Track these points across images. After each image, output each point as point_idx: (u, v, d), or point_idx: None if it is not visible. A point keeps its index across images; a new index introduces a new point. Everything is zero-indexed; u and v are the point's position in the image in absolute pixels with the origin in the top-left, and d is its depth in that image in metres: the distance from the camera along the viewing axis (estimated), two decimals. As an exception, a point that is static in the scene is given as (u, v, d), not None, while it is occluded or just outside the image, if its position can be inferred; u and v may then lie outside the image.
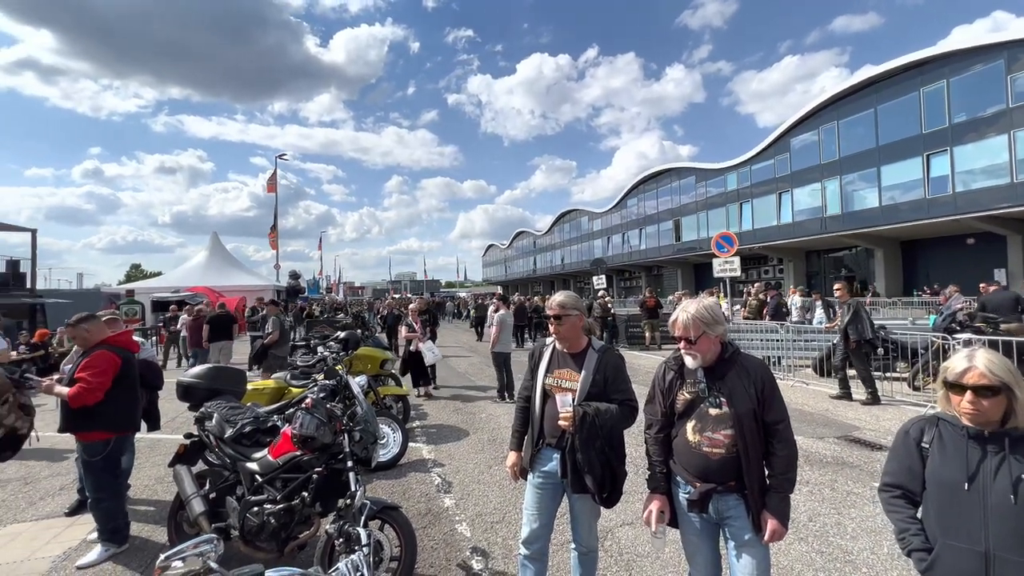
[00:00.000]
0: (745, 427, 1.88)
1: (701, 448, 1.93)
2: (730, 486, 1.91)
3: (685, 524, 2.04)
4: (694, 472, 1.95)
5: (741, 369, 1.95)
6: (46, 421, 7.27)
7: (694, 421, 1.96)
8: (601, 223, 47.35)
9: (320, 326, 12.48)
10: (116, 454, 3.43)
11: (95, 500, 3.38)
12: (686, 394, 2.00)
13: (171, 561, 1.12)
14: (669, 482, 2.06)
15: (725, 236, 11.63)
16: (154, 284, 26.18)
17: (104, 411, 3.30)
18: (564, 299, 2.38)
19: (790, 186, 27.58)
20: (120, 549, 3.37)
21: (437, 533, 3.53)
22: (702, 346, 1.95)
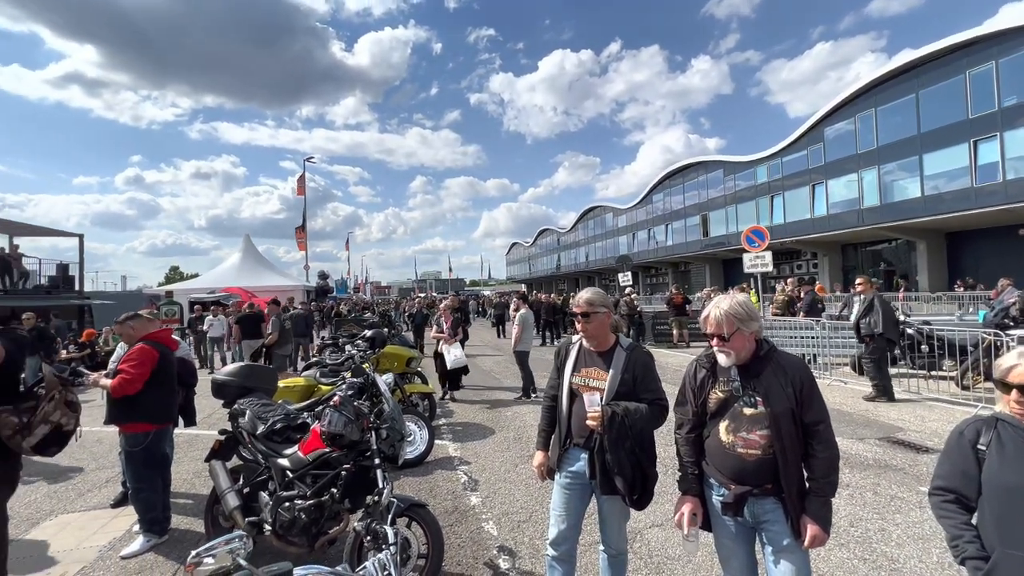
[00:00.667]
0: (782, 428, 1.80)
1: (735, 449, 1.85)
2: (767, 489, 1.82)
3: (719, 528, 1.97)
4: (728, 474, 1.88)
5: (778, 367, 1.87)
6: (93, 416, 7.65)
7: (728, 421, 1.89)
8: (626, 219, 46.73)
9: (348, 325, 12.75)
10: (155, 447, 3.59)
11: (135, 490, 3.54)
12: (719, 393, 1.93)
13: (202, 557, 1.14)
14: (701, 484, 2.00)
15: (756, 230, 11.29)
16: (191, 285, 27.19)
17: (144, 404, 3.47)
18: (592, 296, 2.33)
19: (824, 177, 26.57)
20: (160, 540, 3.50)
21: (464, 531, 3.53)
22: (736, 343, 1.87)
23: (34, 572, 3.18)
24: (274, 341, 8.98)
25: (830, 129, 26.27)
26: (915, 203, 22.10)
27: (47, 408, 2.72)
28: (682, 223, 38.63)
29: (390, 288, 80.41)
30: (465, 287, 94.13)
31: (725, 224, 33.79)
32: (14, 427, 2.58)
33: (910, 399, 6.84)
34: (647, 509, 3.64)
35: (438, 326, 8.18)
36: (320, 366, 7.00)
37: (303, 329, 11.18)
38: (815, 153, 27.13)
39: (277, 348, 9.05)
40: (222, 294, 23.11)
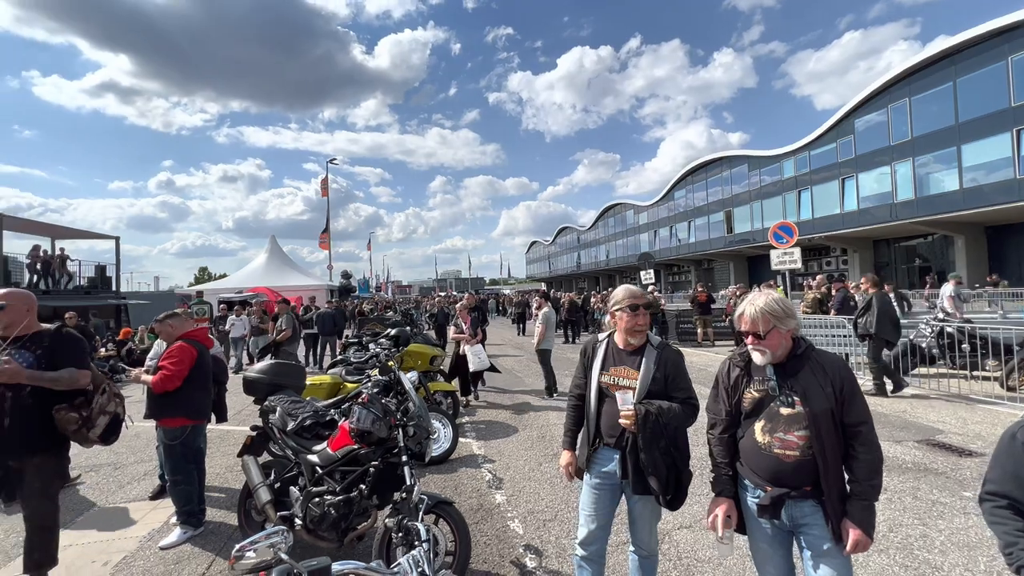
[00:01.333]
0: (822, 428, 1.74)
1: (772, 450, 1.80)
2: (805, 491, 1.77)
3: (755, 531, 1.92)
4: (764, 475, 1.83)
5: (816, 366, 1.81)
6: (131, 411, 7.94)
7: (763, 421, 1.84)
8: (647, 216, 46.13)
9: (371, 324, 12.93)
10: (192, 441, 3.71)
11: (173, 483, 3.66)
12: (754, 392, 1.88)
13: (244, 551, 1.16)
14: (736, 485, 1.95)
15: (784, 226, 10.98)
16: (220, 285, 28.01)
17: (182, 399, 3.60)
18: (639, 291, 2.33)
19: (855, 171, 25.70)
20: (196, 532, 3.61)
21: (489, 529, 3.53)
22: (772, 341, 1.82)
23: (79, 560, 3.31)
24: (287, 337, 9.19)
25: (861, 121, 25.39)
26: (953, 196, 21.18)
27: (101, 400, 2.87)
28: (705, 220, 37.92)
29: (411, 287, 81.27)
30: (485, 286, 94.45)
31: (750, 220, 33.03)
32: (76, 422, 2.73)
33: (951, 400, 6.56)
34: (676, 510, 3.61)
35: (457, 327, 7.87)
36: (345, 364, 7.12)
37: (330, 328, 11.36)
38: (845, 146, 26.27)
39: (287, 345, 9.25)
40: (249, 294, 23.77)
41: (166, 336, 3.80)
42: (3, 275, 14.56)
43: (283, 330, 9.34)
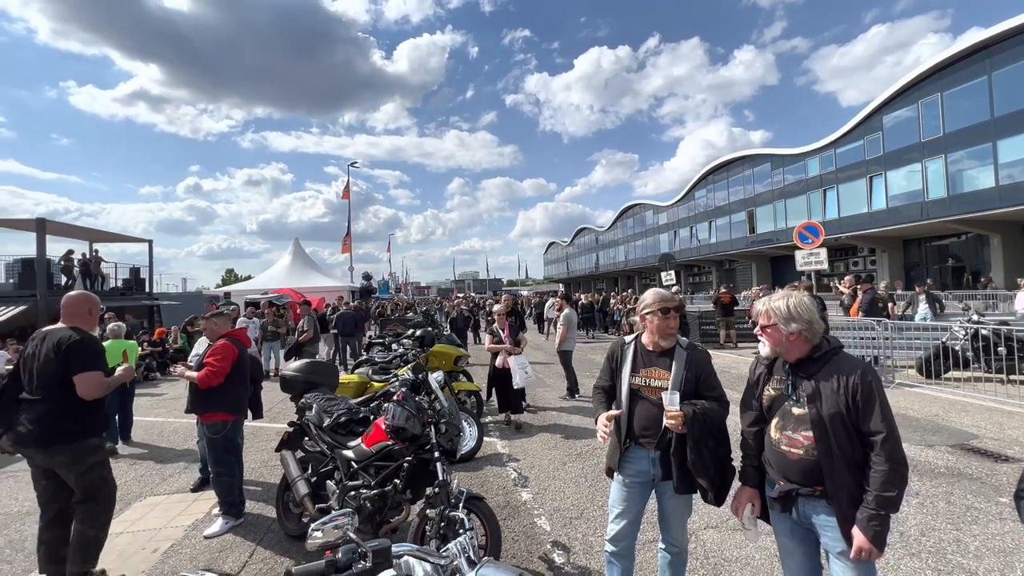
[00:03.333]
0: (829, 431, 1.76)
1: (780, 446, 1.89)
2: (816, 490, 1.80)
3: (776, 523, 2.00)
4: (776, 470, 1.91)
5: (834, 369, 1.83)
6: (168, 408, 8.28)
7: (777, 418, 1.93)
8: (667, 217, 45.64)
9: (392, 324, 13.17)
10: (233, 435, 3.89)
11: (216, 475, 3.83)
12: (771, 390, 1.97)
13: (314, 532, 1.27)
14: (760, 476, 2.02)
15: (809, 226, 10.80)
16: (246, 287, 28.76)
17: (224, 395, 3.78)
18: (669, 295, 2.40)
19: (883, 169, 25.01)
20: (238, 522, 3.79)
21: (517, 525, 3.61)
22: (771, 337, 1.93)
23: (130, 547, 3.51)
24: (309, 338, 9.44)
25: (889, 117, 24.69)
26: (988, 194, 20.42)
27: None
28: (727, 220, 37.35)
29: (429, 288, 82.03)
30: (502, 287, 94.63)
31: (773, 220, 32.41)
32: None
33: (986, 404, 6.39)
34: (701, 509, 3.63)
35: (494, 335, 6.67)
36: (370, 364, 7.30)
37: (351, 328, 11.60)
38: (873, 143, 25.58)
39: (308, 346, 9.50)
40: (274, 295, 24.38)
41: (211, 334, 4.00)
42: (46, 277, 15.26)
43: (305, 331, 9.60)
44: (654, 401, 2.25)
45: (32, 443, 2.79)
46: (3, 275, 16.55)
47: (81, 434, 2.87)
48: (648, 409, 2.25)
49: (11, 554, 3.50)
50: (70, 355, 2.83)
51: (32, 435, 2.77)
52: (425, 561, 1.33)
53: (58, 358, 2.81)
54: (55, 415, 2.80)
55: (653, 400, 2.25)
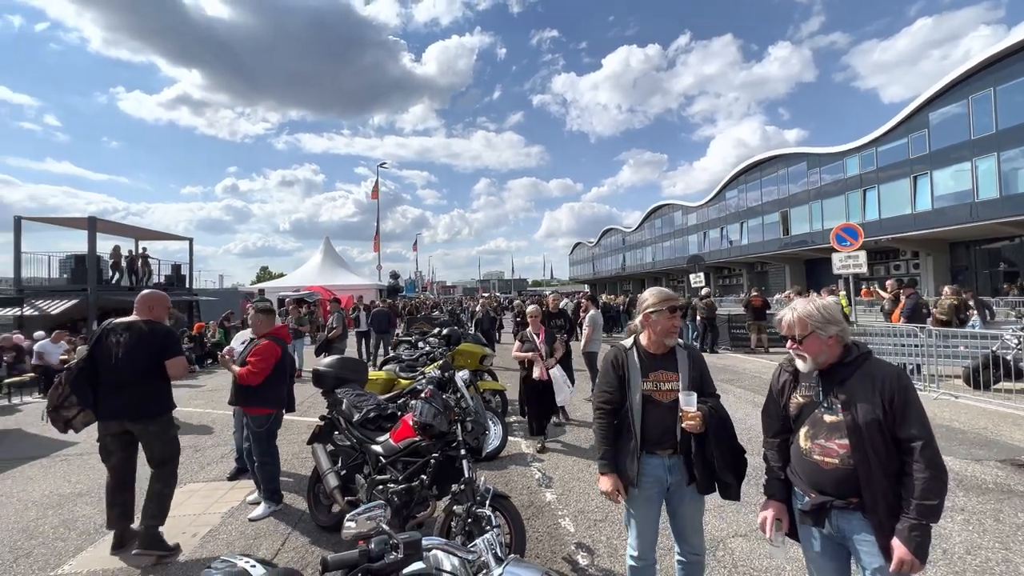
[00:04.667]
0: (865, 438, 1.69)
1: (812, 456, 1.80)
2: (852, 503, 1.72)
3: (805, 539, 1.91)
4: (806, 481, 1.82)
5: (866, 375, 1.76)
6: (207, 399, 8.62)
7: (807, 427, 1.84)
8: (696, 217, 44.70)
9: (419, 323, 13.36)
10: (275, 427, 4.05)
11: (260, 464, 3.99)
12: (799, 398, 1.89)
13: (349, 522, 1.32)
14: (787, 489, 1.95)
15: (848, 228, 10.40)
16: (279, 284, 29.71)
17: (268, 390, 3.94)
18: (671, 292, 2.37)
19: (928, 168, 23.83)
20: (277, 507, 3.95)
21: (541, 525, 3.62)
22: (810, 347, 1.81)
23: (171, 532, 3.68)
24: (338, 335, 9.66)
25: (936, 114, 23.51)
26: (1045, 194, 19.21)
27: None
28: (759, 221, 36.31)
29: (455, 288, 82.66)
30: (527, 287, 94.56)
31: (808, 221, 31.34)
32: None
33: (1040, 418, 6.01)
34: (729, 517, 3.57)
35: (525, 340, 5.64)
36: (397, 361, 7.43)
37: (384, 326, 11.82)
38: (918, 141, 24.40)
39: (337, 342, 9.71)
40: (306, 292, 25.07)
41: (257, 329, 4.14)
42: (96, 273, 16.11)
43: (334, 328, 9.84)
44: (666, 406, 2.20)
45: (127, 416, 3.34)
46: (57, 270, 17.56)
47: (167, 409, 3.52)
48: (661, 415, 2.19)
49: (65, 532, 3.73)
50: (165, 344, 3.45)
51: (128, 410, 3.33)
52: (454, 555, 1.36)
53: (150, 346, 3.39)
54: (149, 393, 3.39)
55: (665, 404, 2.20)
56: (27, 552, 3.43)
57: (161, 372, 3.42)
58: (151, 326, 3.49)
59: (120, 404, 3.32)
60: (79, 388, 3.33)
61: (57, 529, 3.78)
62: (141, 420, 3.36)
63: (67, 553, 3.40)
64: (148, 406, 3.39)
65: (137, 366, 3.34)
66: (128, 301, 16.91)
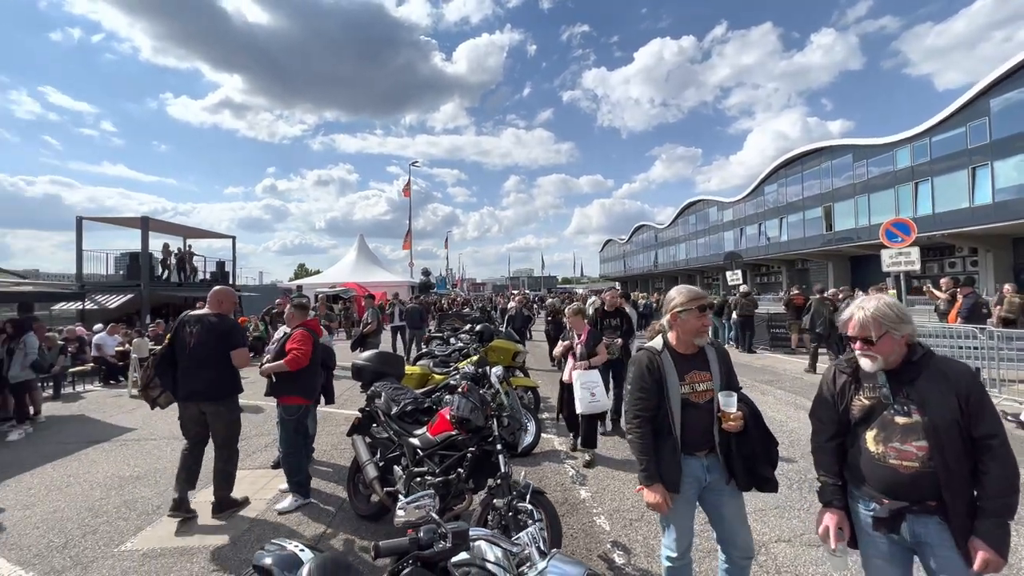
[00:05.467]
0: (943, 439, 1.62)
1: (887, 460, 1.71)
2: (929, 506, 1.65)
3: (869, 546, 1.82)
4: (878, 487, 1.74)
5: (937, 374, 1.69)
6: (253, 390, 8.98)
7: (876, 430, 1.75)
8: (732, 213, 43.35)
9: (450, 319, 13.52)
10: (304, 419, 4.18)
11: (286, 455, 4.13)
12: (863, 400, 1.79)
13: (400, 510, 1.35)
14: (846, 495, 1.86)
15: (899, 223, 9.85)
16: (316, 280, 30.62)
17: (299, 381, 4.07)
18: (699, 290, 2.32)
19: (989, 158, 22.29)
20: (306, 502, 4.04)
21: (575, 523, 3.61)
22: (884, 347, 1.73)
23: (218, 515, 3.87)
24: (372, 330, 9.87)
25: (998, 100, 21.94)
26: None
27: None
28: (800, 216, 34.89)
29: (484, 285, 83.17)
30: (557, 284, 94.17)
31: (854, 216, 29.88)
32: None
33: None
34: (771, 522, 3.48)
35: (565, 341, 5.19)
36: (430, 357, 7.54)
37: (418, 322, 12.03)
38: (977, 130, 22.85)
39: (372, 337, 9.92)
40: (340, 288, 25.79)
41: (290, 323, 4.30)
42: (148, 270, 17.06)
43: (368, 323, 10.06)
44: (703, 407, 2.16)
45: (203, 397, 3.81)
46: (113, 267, 18.69)
47: (233, 392, 3.95)
48: (698, 416, 2.15)
49: (126, 512, 3.98)
50: (229, 335, 3.88)
51: (203, 391, 3.80)
52: (497, 546, 1.37)
53: (220, 335, 3.84)
54: (216, 378, 3.83)
55: (702, 405, 2.16)
56: (93, 529, 3.68)
57: (227, 359, 3.85)
58: (219, 319, 3.93)
59: (193, 387, 3.80)
60: (162, 372, 3.87)
61: (119, 509, 4.03)
62: (210, 401, 3.83)
63: (128, 531, 3.63)
64: (216, 389, 3.84)
65: (206, 354, 3.80)
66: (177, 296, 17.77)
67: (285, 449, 4.16)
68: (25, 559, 3.27)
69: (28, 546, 3.44)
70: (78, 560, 3.24)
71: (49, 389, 9.02)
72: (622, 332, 5.77)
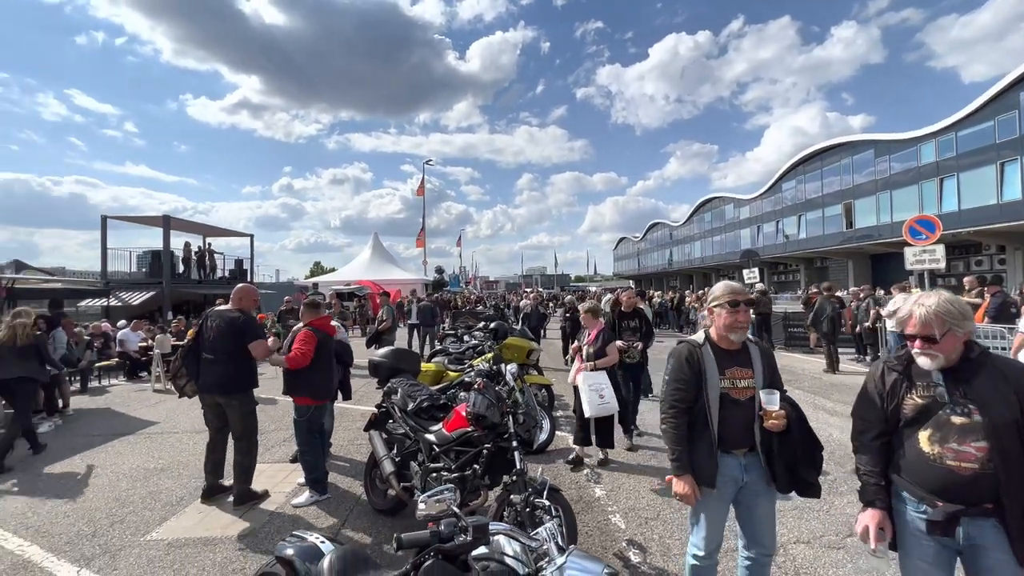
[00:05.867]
0: (1004, 440, 1.58)
1: (944, 462, 1.65)
2: (986, 509, 1.61)
3: (913, 548, 1.76)
4: (932, 488, 1.68)
5: (995, 373, 1.64)
6: (271, 386, 9.15)
7: (930, 430, 1.70)
8: (749, 210, 42.67)
9: (464, 317, 13.57)
10: (316, 418, 4.18)
11: (301, 452, 4.18)
12: (916, 399, 1.74)
13: (421, 504, 1.37)
14: (889, 495, 1.81)
15: (923, 220, 9.59)
16: (331, 278, 30.99)
17: (309, 382, 4.08)
18: (740, 287, 2.28)
19: (1018, 153, 21.56)
20: (322, 497, 4.09)
21: (591, 521, 3.61)
22: (946, 345, 1.67)
23: (242, 506, 3.96)
24: (387, 327, 9.95)
25: (1029, 92, 21.22)
26: None
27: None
28: (819, 213, 34.20)
29: (497, 283, 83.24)
30: (570, 282, 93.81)
31: (875, 213, 29.19)
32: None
33: None
34: (789, 523, 3.44)
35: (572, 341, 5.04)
36: (445, 354, 7.59)
37: (430, 319, 12.10)
38: (1006, 124, 22.13)
39: (387, 334, 10.00)
40: (355, 286, 26.07)
41: (303, 319, 4.34)
42: (170, 267, 17.46)
43: (384, 320, 10.16)
44: (743, 404, 2.13)
45: (217, 390, 3.96)
46: (135, 264, 19.15)
47: (249, 386, 4.10)
48: (738, 413, 2.13)
49: (151, 502, 4.09)
50: (246, 329, 3.99)
51: (217, 384, 3.95)
52: (516, 541, 1.39)
53: (235, 331, 3.97)
54: (232, 372, 3.95)
55: (742, 403, 2.13)
56: (121, 519, 3.80)
57: (245, 354, 3.99)
58: (237, 315, 4.06)
59: (211, 379, 3.97)
60: (188, 362, 4.08)
61: (145, 499, 4.15)
62: (225, 394, 3.97)
63: (154, 521, 3.73)
64: (229, 383, 3.97)
65: (222, 348, 3.95)
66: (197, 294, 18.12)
67: (300, 448, 4.20)
68: (56, 546, 3.39)
69: (59, 534, 3.57)
70: (107, 548, 3.35)
71: (77, 383, 9.30)
72: (642, 334, 5.48)
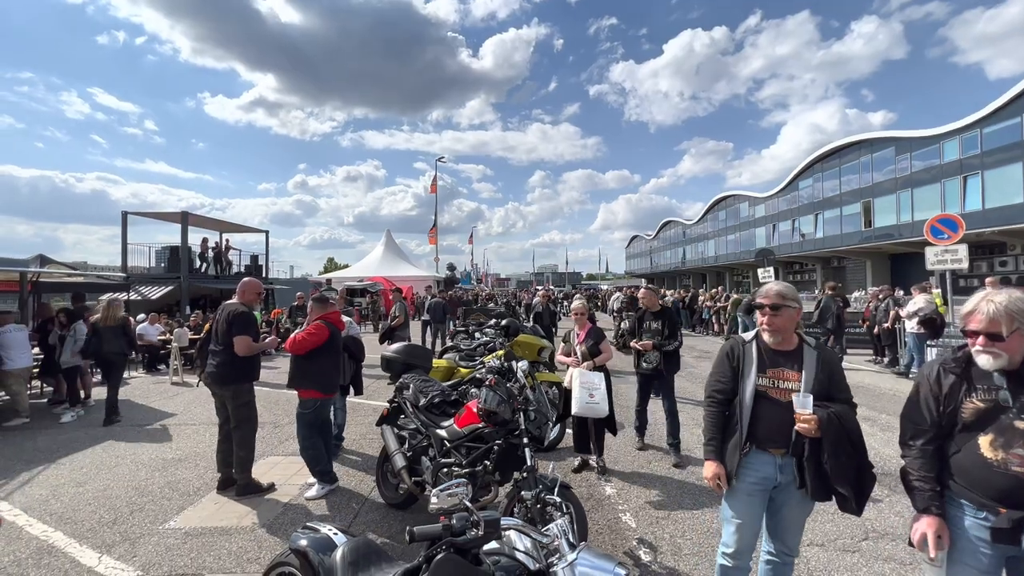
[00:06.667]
0: None
1: (1008, 467, 1.60)
2: None
3: (968, 556, 1.71)
4: (994, 495, 1.63)
5: None
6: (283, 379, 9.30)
7: (992, 435, 1.64)
8: (765, 209, 42.08)
9: (475, 314, 13.62)
10: (321, 413, 4.22)
11: (303, 447, 4.16)
12: (977, 402, 1.68)
13: (433, 497, 1.38)
14: (943, 501, 1.76)
15: (945, 219, 9.36)
16: (345, 274, 31.30)
17: (315, 375, 4.11)
18: (783, 289, 2.22)
19: (1047, 150, 20.95)
20: (332, 487, 4.14)
21: (601, 519, 3.60)
22: (1013, 344, 1.61)
23: (254, 498, 4.03)
24: (400, 323, 10.01)
25: (1059, 88, 20.57)
26: None
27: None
28: (836, 212, 33.60)
29: (509, 280, 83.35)
30: (581, 280, 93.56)
31: (896, 212, 28.59)
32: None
33: None
34: (806, 526, 3.36)
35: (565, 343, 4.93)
36: (456, 350, 7.63)
37: (440, 316, 12.16)
38: (1033, 120, 21.49)
39: (399, 331, 10.06)
40: (368, 282, 26.30)
41: (312, 315, 4.39)
42: (187, 262, 17.78)
43: (396, 316, 10.22)
44: (782, 403, 2.10)
45: (212, 380, 4.09)
46: (154, 260, 19.54)
47: (240, 379, 4.10)
48: (775, 412, 2.10)
49: (169, 492, 4.18)
50: (233, 322, 4.03)
51: (213, 375, 4.07)
52: (528, 536, 1.39)
53: (229, 325, 4.04)
54: (227, 363, 4.03)
55: (781, 402, 2.10)
56: (140, 507, 3.89)
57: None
58: (234, 308, 4.13)
59: (210, 370, 4.10)
60: (202, 354, 4.29)
61: (163, 489, 4.24)
62: (220, 385, 4.09)
63: (172, 511, 3.82)
64: (222, 374, 4.06)
65: (220, 340, 4.07)
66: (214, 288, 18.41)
67: (300, 442, 4.16)
68: (79, 533, 3.48)
69: (81, 521, 3.67)
70: (126, 536, 3.43)
71: (98, 374, 9.52)
72: (664, 338, 4.89)
